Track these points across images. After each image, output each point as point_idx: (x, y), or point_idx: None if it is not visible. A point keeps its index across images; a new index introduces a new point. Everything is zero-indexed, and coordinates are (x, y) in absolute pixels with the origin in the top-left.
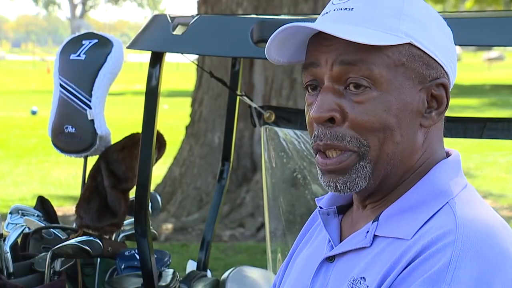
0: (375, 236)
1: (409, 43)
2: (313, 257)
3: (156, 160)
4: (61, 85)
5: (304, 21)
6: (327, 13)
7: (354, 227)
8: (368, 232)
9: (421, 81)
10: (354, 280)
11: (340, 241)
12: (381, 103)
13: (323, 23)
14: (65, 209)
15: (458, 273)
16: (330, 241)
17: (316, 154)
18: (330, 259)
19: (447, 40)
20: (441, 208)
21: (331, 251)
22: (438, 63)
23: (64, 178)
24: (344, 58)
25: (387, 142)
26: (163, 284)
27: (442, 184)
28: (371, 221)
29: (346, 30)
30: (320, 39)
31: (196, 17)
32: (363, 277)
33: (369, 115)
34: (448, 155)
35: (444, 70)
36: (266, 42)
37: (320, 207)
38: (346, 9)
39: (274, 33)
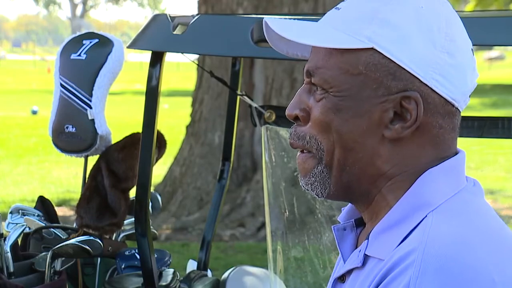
0: (366, 256)
1: (373, 49)
2: (332, 277)
3: (157, 160)
4: (61, 85)
5: (304, 21)
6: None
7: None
8: (360, 251)
9: (385, 92)
10: None
11: None
12: (330, 103)
13: (274, 24)
14: (65, 208)
15: None
16: (341, 259)
17: None
18: (341, 279)
19: (434, 50)
20: (421, 222)
21: (341, 269)
22: (411, 74)
23: (64, 178)
24: (308, 67)
25: (337, 146)
26: (164, 283)
27: (425, 195)
28: (366, 239)
29: (300, 30)
30: None
31: (196, 17)
32: None
33: (319, 112)
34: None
35: (422, 82)
36: (266, 42)
37: (339, 222)
38: (336, 8)
39: (263, 28)
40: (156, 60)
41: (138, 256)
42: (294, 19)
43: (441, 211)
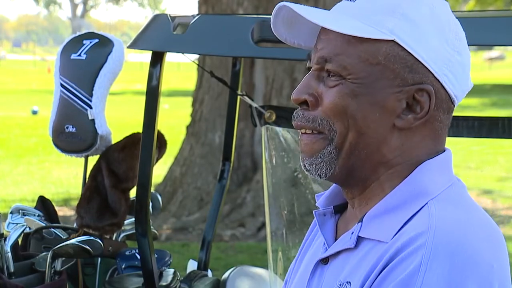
0: (359, 238)
1: (393, 41)
2: (311, 259)
3: (157, 160)
4: (61, 85)
5: (320, 9)
6: (338, 3)
7: (346, 227)
8: (353, 233)
9: (401, 83)
10: (341, 284)
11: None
12: (347, 89)
13: (301, 10)
14: (66, 208)
15: (429, 276)
16: (325, 243)
17: None
18: (324, 261)
19: (447, 48)
20: (420, 209)
21: (325, 252)
22: (426, 68)
23: (64, 178)
24: (323, 55)
25: (351, 130)
26: (164, 283)
27: (423, 184)
28: (357, 222)
29: (324, 17)
30: (321, 29)
31: (197, 17)
32: (349, 281)
33: (335, 97)
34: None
35: (434, 77)
36: (267, 42)
37: (318, 208)
38: (350, 0)
39: (273, 11)
40: (157, 60)
41: (138, 256)
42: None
43: (441, 199)
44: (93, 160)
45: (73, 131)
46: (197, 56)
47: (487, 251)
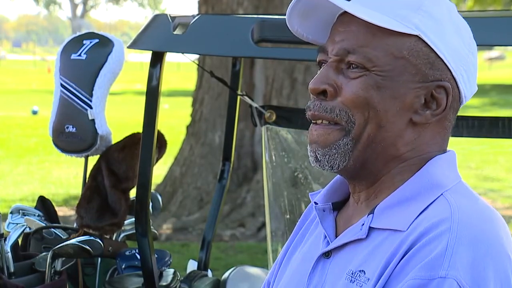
0: (371, 229)
1: (417, 36)
2: (308, 254)
3: (157, 160)
4: (61, 85)
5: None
6: None
7: (349, 222)
8: (363, 224)
9: (422, 79)
10: (353, 273)
11: (336, 237)
12: (371, 81)
13: (341, 1)
14: (66, 208)
15: (455, 259)
16: (326, 237)
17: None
18: (327, 254)
19: (464, 48)
20: (436, 199)
21: (327, 246)
22: (446, 66)
23: (64, 178)
24: (346, 46)
25: (371, 122)
26: (164, 284)
27: (437, 177)
28: (366, 215)
29: (358, 8)
30: (338, 23)
31: (197, 17)
32: (362, 270)
33: (358, 88)
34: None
35: (452, 74)
36: (267, 42)
37: (316, 203)
38: None
39: (293, 1)
40: (157, 60)
41: (138, 256)
42: None
43: (455, 191)
44: (93, 160)
45: (73, 131)
46: (197, 56)
47: (505, 241)
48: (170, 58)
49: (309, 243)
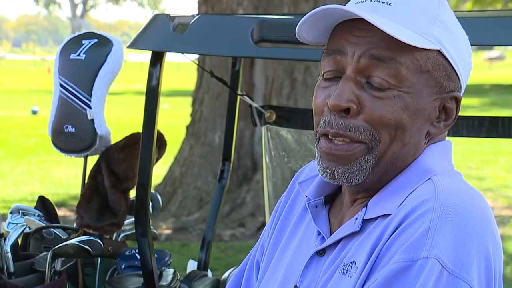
0: (364, 221)
1: (438, 50)
2: (301, 250)
3: (157, 160)
4: (61, 85)
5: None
6: (362, 1)
7: (343, 220)
8: (357, 218)
9: (439, 90)
10: (344, 265)
11: (330, 235)
12: (400, 102)
13: (363, 12)
14: (66, 208)
15: (438, 238)
16: (319, 234)
17: (319, 139)
18: (321, 253)
19: (468, 56)
20: (423, 182)
21: (322, 244)
22: (458, 77)
23: (64, 178)
24: (375, 52)
25: (397, 140)
26: (164, 283)
27: (427, 163)
28: (361, 209)
29: (386, 23)
30: (350, 28)
31: (197, 17)
32: (353, 261)
33: (387, 111)
34: None
35: (460, 84)
36: (267, 42)
37: (308, 199)
38: (384, 2)
39: (315, 10)
40: (156, 60)
41: (138, 256)
42: (295, 18)
43: (444, 175)
44: (93, 160)
45: (72, 131)
46: (197, 56)
47: (490, 217)
48: (170, 58)
49: (301, 238)
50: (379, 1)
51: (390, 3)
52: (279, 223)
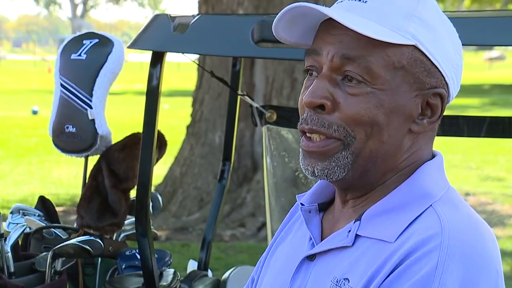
0: (357, 236)
1: (413, 46)
2: (292, 254)
3: (157, 160)
4: (61, 85)
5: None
6: (341, 1)
7: (335, 226)
8: (350, 231)
9: (419, 87)
10: (337, 281)
11: (322, 239)
12: (374, 99)
13: (334, 10)
14: (66, 208)
15: (446, 277)
16: (311, 239)
17: (301, 137)
18: (311, 257)
19: (455, 53)
20: (425, 210)
21: (312, 249)
22: (440, 72)
23: (64, 178)
24: (345, 52)
25: (373, 138)
26: (164, 283)
27: (426, 186)
28: (353, 221)
29: (353, 20)
30: (329, 27)
31: (197, 17)
32: (347, 278)
33: (361, 108)
34: (433, 156)
35: (445, 80)
36: (267, 42)
37: (302, 204)
38: (360, 0)
39: (284, 9)
40: (157, 60)
41: (138, 256)
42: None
43: (444, 202)
44: (93, 160)
45: (73, 131)
46: (197, 56)
47: (494, 253)
48: (170, 58)
49: (293, 243)
50: (355, 0)
51: (365, 1)
52: (277, 241)
